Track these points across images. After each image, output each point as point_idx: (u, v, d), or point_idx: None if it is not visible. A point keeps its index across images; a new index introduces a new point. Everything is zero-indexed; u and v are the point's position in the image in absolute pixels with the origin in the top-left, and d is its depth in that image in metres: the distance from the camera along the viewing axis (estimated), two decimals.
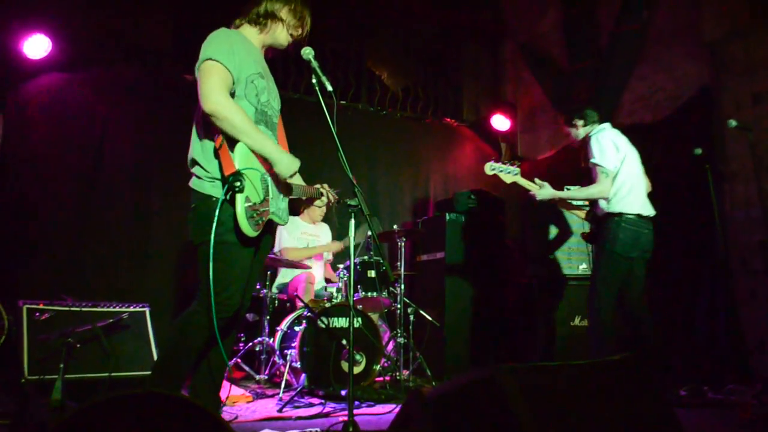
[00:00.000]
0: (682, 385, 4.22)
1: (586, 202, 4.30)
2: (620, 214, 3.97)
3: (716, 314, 4.81)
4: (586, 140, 4.22)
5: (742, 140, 4.62)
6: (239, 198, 2.38)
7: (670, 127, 5.44)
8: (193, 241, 2.57)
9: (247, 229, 2.40)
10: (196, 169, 2.58)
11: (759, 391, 3.80)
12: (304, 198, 2.97)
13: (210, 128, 2.53)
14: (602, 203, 4.06)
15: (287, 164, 2.59)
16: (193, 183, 2.58)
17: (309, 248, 5.36)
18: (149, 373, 2.60)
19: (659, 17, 5.74)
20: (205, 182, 2.53)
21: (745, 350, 4.63)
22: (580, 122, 4.31)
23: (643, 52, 5.85)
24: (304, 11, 2.82)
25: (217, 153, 2.50)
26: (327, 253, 5.59)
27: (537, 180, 4.23)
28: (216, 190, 2.50)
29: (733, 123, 4.08)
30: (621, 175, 4.03)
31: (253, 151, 2.52)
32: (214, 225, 2.36)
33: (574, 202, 4.34)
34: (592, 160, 4.06)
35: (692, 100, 5.31)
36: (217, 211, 2.38)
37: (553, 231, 5.26)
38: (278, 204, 2.66)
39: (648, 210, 4.08)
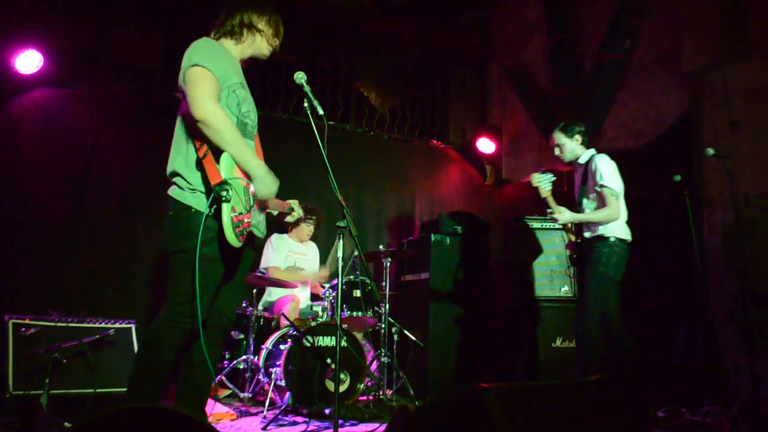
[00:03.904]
0: (660, 406, 4.28)
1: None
2: (613, 238, 4.01)
3: (694, 337, 4.90)
4: (586, 163, 4.21)
5: (720, 167, 4.72)
6: (225, 208, 2.38)
7: (651, 153, 5.56)
8: (167, 249, 2.59)
9: (233, 239, 2.40)
10: (177, 180, 2.60)
11: (736, 413, 3.87)
12: (275, 213, 3.00)
13: (193, 138, 2.56)
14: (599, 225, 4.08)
15: (268, 184, 2.58)
16: (173, 192, 2.60)
17: (294, 273, 5.40)
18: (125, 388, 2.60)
19: (641, 46, 5.89)
20: (186, 193, 2.55)
21: (723, 373, 4.71)
22: (579, 138, 4.26)
23: (625, 80, 5.98)
24: (279, 21, 2.88)
25: (200, 163, 2.52)
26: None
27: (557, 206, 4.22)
28: (196, 201, 2.52)
29: (710, 152, 4.19)
30: (620, 201, 4.08)
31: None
32: (200, 237, 2.37)
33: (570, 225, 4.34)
34: (601, 182, 4.03)
35: (672, 127, 5.43)
36: (202, 225, 2.38)
37: (536, 253, 5.34)
38: (257, 216, 2.68)
39: (630, 236, 4.13)
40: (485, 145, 7.48)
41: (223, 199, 2.36)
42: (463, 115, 7.94)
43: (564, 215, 4.17)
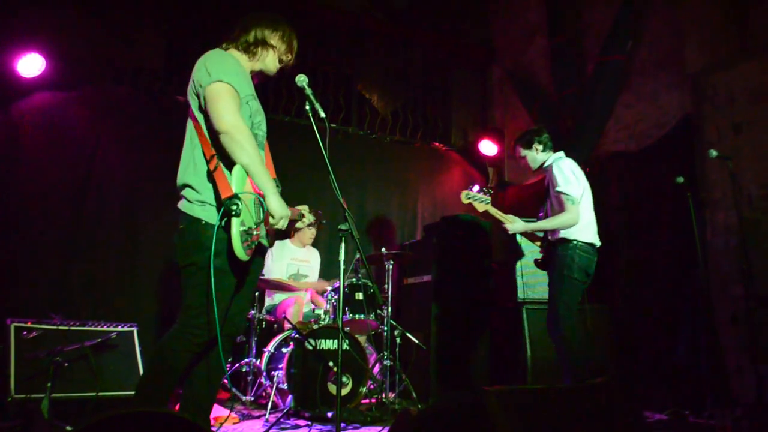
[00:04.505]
0: (663, 408, 4.26)
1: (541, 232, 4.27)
2: (575, 241, 3.96)
3: (697, 339, 4.88)
4: (548, 168, 4.18)
5: (723, 169, 4.72)
6: (235, 222, 2.37)
7: (654, 154, 5.55)
8: (178, 263, 2.59)
9: (241, 253, 2.39)
10: (186, 192, 2.59)
11: (738, 415, 3.86)
12: None
13: (204, 150, 2.56)
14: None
15: (278, 208, 2.53)
16: (183, 205, 2.60)
17: (295, 282, 5.39)
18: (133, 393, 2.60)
19: (643, 48, 5.88)
20: (195, 205, 2.55)
21: (726, 375, 4.70)
22: (540, 146, 4.25)
23: (627, 81, 5.98)
24: (292, 36, 2.89)
25: (211, 175, 2.52)
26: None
27: (505, 215, 4.20)
28: (205, 214, 2.52)
29: (713, 153, 4.17)
30: (582, 205, 4.02)
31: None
32: (213, 249, 2.37)
33: (539, 233, 4.30)
34: (557, 189, 4.00)
35: (675, 128, 5.42)
36: (214, 237, 2.39)
37: (537, 256, 5.33)
38: (264, 228, 2.67)
39: (597, 241, 4.08)
40: (487, 147, 7.48)
41: (233, 213, 2.35)
42: (465, 117, 7.94)
43: (515, 225, 4.16)
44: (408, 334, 4.98)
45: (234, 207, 2.35)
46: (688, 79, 5.37)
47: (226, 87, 2.52)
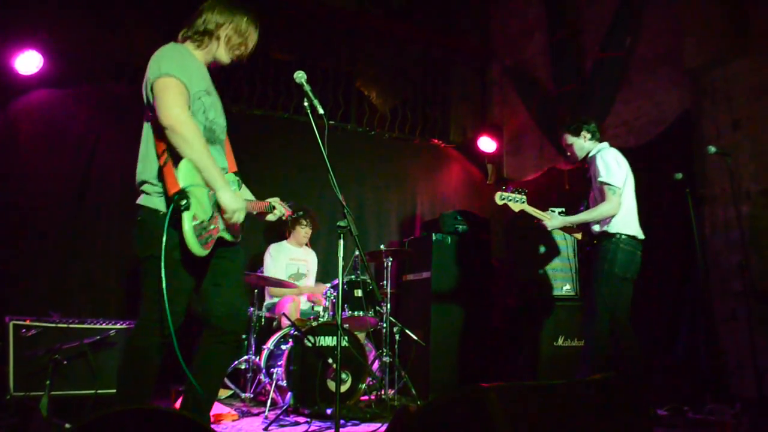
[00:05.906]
0: (663, 404, 4.26)
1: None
2: (618, 235, 3.94)
3: (697, 335, 4.89)
4: (591, 159, 4.16)
5: (722, 165, 4.72)
6: (186, 216, 2.33)
7: (653, 151, 5.55)
8: (137, 256, 2.57)
9: (196, 248, 2.35)
10: (145, 187, 2.58)
11: (738, 411, 3.86)
12: (254, 213, 2.95)
13: (156, 146, 2.54)
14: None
15: (229, 201, 2.49)
16: (142, 199, 2.59)
17: (294, 282, 5.38)
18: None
19: (642, 44, 5.87)
20: (154, 197, 2.53)
21: (725, 370, 4.70)
22: (588, 135, 4.23)
23: (626, 78, 5.97)
24: (249, 28, 2.77)
25: (161, 172, 2.49)
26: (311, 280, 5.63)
27: (542, 212, 4.16)
28: (164, 205, 2.49)
29: (712, 149, 4.17)
30: (624, 196, 4.00)
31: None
32: (164, 241, 2.32)
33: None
34: (599, 179, 3.98)
35: (674, 125, 5.41)
36: (165, 228, 2.34)
37: (538, 252, 5.33)
38: (222, 221, 2.60)
39: (641, 233, 4.06)
40: (486, 144, 7.48)
41: (182, 208, 2.32)
42: (464, 113, 7.93)
43: (553, 221, 4.13)
44: (407, 331, 4.97)
45: (182, 202, 2.32)
46: (687, 76, 5.36)
47: (173, 81, 2.47)
